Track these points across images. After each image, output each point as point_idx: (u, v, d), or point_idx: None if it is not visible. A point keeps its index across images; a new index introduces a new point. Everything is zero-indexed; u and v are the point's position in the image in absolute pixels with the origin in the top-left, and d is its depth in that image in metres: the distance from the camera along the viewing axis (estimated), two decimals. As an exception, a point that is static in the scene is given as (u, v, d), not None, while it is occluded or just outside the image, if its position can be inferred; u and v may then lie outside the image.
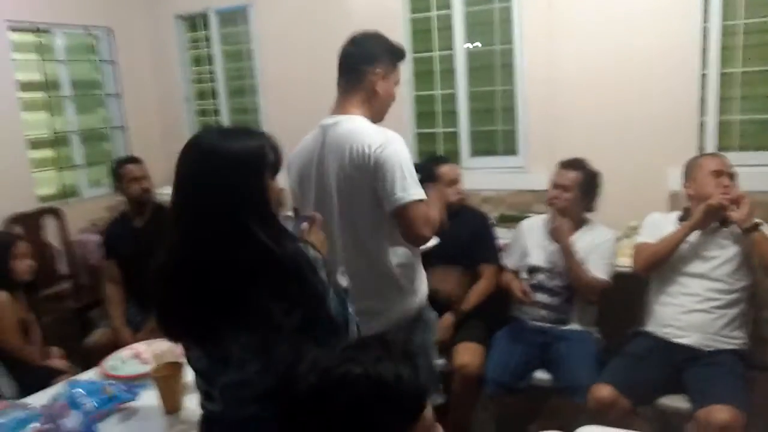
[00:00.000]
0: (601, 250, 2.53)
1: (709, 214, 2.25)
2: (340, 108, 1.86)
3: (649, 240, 2.40)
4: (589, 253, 2.52)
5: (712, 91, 2.95)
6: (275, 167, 1.35)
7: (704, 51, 2.92)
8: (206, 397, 1.42)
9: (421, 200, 1.72)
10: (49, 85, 4.08)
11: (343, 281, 1.43)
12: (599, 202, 2.64)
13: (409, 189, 1.71)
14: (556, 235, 2.50)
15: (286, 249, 1.27)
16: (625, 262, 2.57)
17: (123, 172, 3.07)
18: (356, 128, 1.78)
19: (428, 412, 0.99)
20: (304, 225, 1.48)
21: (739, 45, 2.91)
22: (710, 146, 2.98)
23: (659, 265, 2.34)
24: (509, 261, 2.75)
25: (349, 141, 1.76)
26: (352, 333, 1.37)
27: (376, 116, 1.87)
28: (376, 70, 1.83)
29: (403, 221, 1.73)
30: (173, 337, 1.43)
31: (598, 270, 2.49)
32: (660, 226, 2.41)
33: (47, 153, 4.12)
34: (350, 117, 1.82)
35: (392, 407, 0.93)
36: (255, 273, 1.26)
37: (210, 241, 1.27)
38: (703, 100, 2.97)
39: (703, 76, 2.95)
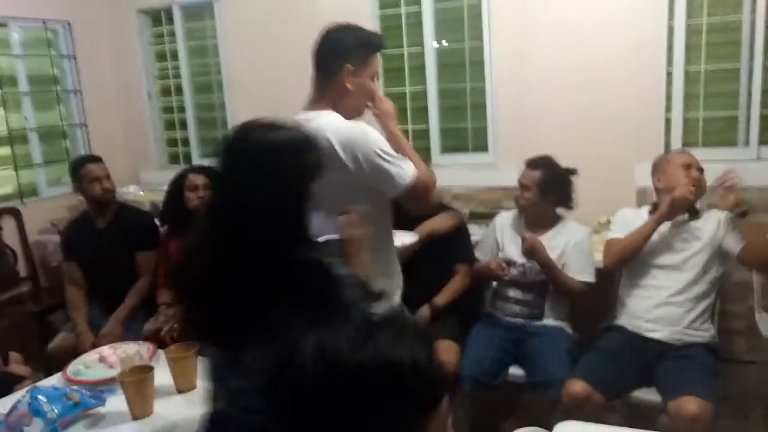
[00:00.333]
0: (580, 250, 2.55)
1: (674, 206, 2.28)
2: (313, 104, 1.83)
3: (619, 235, 2.42)
4: (568, 254, 2.53)
5: (677, 88, 3.01)
6: (318, 172, 1.33)
7: (670, 49, 2.98)
8: (214, 395, 1.40)
9: (415, 171, 1.73)
10: (5, 81, 3.93)
11: (381, 283, 1.40)
12: (575, 200, 2.64)
13: (402, 165, 1.71)
14: (530, 254, 2.49)
15: (312, 264, 1.24)
16: (597, 257, 2.59)
17: (83, 171, 2.94)
18: (327, 124, 1.73)
19: (445, 401, 0.88)
20: (344, 218, 1.46)
21: (702, 43, 2.97)
22: (676, 143, 3.04)
23: (630, 260, 2.36)
24: (481, 255, 2.74)
25: (320, 136, 1.72)
26: (409, 324, 1.33)
27: (351, 113, 1.83)
28: (345, 66, 1.79)
29: (413, 197, 1.74)
30: (194, 328, 1.41)
31: (582, 272, 2.51)
32: (630, 221, 2.43)
33: (4, 151, 3.97)
34: (320, 113, 1.78)
35: (411, 397, 0.81)
36: (279, 285, 1.23)
37: (240, 243, 1.24)
38: (668, 98, 3.03)
39: (669, 74, 3.00)
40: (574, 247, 2.54)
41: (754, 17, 2.83)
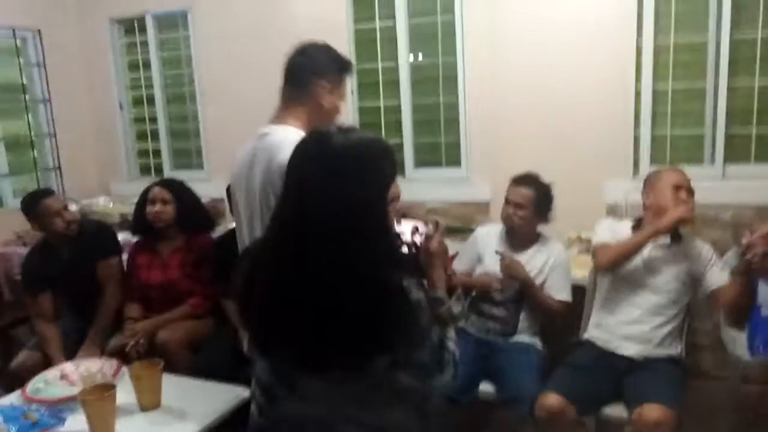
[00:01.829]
0: (560, 269, 2.57)
1: (674, 225, 2.27)
2: (279, 118, 1.81)
3: (608, 240, 2.40)
4: (548, 273, 2.55)
5: (645, 106, 3.06)
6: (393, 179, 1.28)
7: (638, 68, 3.03)
8: (261, 412, 1.34)
9: None
10: (-30, 89, 3.85)
11: (457, 307, 1.36)
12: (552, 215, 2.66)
13: None
14: (511, 272, 2.50)
15: (394, 287, 1.18)
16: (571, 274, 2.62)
17: (40, 208, 2.80)
18: (285, 139, 1.68)
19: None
20: (426, 229, 1.41)
21: (669, 62, 3.03)
22: (644, 160, 3.09)
23: (623, 264, 2.34)
24: (459, 265, 2.73)
25: (275, 152, 1.68)
26: (446, 376, 1.30)
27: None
28: (322, 82, 1.79)
29: None
30: (252, 342, 1.33)
31: (561, 291, 2.53)
32: (616, 230, 2.43)
33: (-33, 160, 3.88)
34: (284, 127, 1.76)
35: None
36: (352, 311, 1.16)
37: (314, 255, 1.17)
38: (637, 115, 3.08)
39: (638, 92, 3.05)
40: (554, 266, 2.56)
41: (719, 38, 2.90)
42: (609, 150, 3.09)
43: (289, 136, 1.70)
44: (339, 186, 1.18)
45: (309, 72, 1.79)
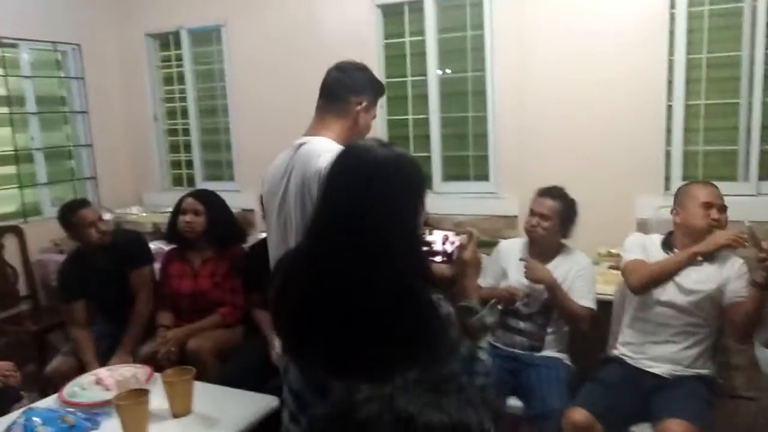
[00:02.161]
0: (583, 277, 2.55)
1: (715, 250, 2.23)
2: (315, 130, 1.86)
3: (638, 257, 2.35)
4: (572, 281, 2.53)
5: (677, 122, 3.03)
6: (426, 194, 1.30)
7: (670, 83, 3.01)
8: (292, 418, 1.37)
9: None
10: (13, 101, 3.98)
11: (490, 317, 1.37)
12: (576, 229, 2.65)
13: None
14: (534, 277, 2.49)
15: (425, 301, 1.19)
16: (597, 287, 2.59)
17: (76, 218, 2.89)
18: (321, 148, 1.75)
19: None
20: (459, 239, 1.42)
21: (702, 78, 3.00)
22: (676, 176, 3.05)
23: (656, 286, 2.30)
24: (484, 280, 2.73)
25: (312, 159, 1.74)
26: (475, 390, 1.28)
27: (349, 143, 1.87)
28: (360, 101, 1.87)
29: None
30: (286, 349, 1.35)
31: (585, 299, 2.50)
32: (646, 247, 2.39)
33: (9, 170, 4.00)
34: (319, 139, 1.82)
35: None
36: (382, 323, 1.17)
37: (348, 265, 1.19)
38: (669, 131, 3.05)
39: (669, 107, 3.03)
40: (577, 274, 2.55)
41: (753, 53, 2.87)
42: (639, 165, 3.07)
43: (325, 145, 1.76)
44: (378, 199, 1.21)
45: (347, 89, 1.86)
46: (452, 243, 1.44)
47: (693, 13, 2.96)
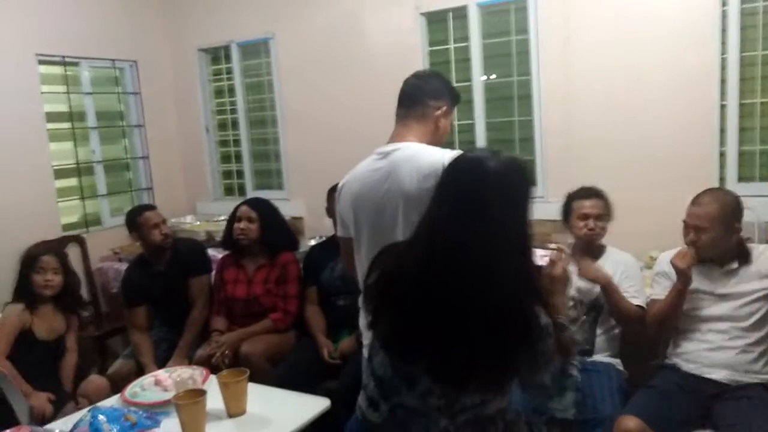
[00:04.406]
0: (631, 274, 2.52)
1: (683, 274, 2.21)
2: (400, 137, 1.87)
3: (658, 296, 2.37)
4: (620, 280, 2.50)
5: (731, 121, 2.95)
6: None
7: (723, 82, 2.93)
8: (370, 404, 1.38)
9: None
10: (75, 117, 4.18)
11: (579, 333, 1.38)
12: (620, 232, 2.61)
13: None
14: (590, 275, 2.45)
15: (526, 314, 1.20)
16: (647, 291, 2.54)
17: (142, 219, 3.05)
18: (421, 149, 1.79)
19: None
20: (550, 254, 1.42)
21: (757, 76, 2.92)
22: (731, 177, 2.97)
23: (671, 323, 2.33)
24: None
25: (417, 159, 1.75)
26: (566, 400, 1.33)
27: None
28: (440, 105, 1.89)
29: None
30: (376, 336, 1.35)
31: (635, 298, 2.47)
32: (668, 272, 2.36)
33: (72, 182, 4.20)
34: (408, 144, 1.83)
35: None
36: (489, 332, 1.18)
37: (460, 274, 1.19)
38: (722, 131, 2.97)
39: (723, 106, 2.95)
40: (625, 273, 2.52)
41: (811, 49, 2.78)
42: (692, 166, 2.99)
43: (422, 148, 1.79)
44: (495, 209, 1.21)
45: (427, 95, 1.89)
46: (541, 257, 1.42)
47: (746, 9, 2.88)
